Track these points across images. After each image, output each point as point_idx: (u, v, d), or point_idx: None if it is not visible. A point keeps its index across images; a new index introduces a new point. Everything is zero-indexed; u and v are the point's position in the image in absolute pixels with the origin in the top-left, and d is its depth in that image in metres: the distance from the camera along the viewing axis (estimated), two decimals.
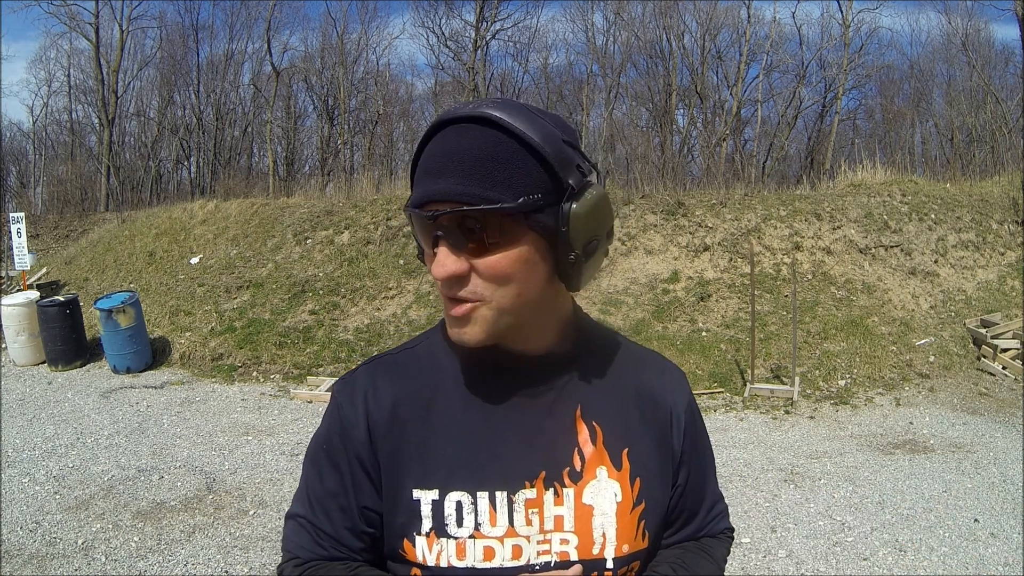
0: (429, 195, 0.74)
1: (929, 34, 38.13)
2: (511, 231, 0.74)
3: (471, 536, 0.78)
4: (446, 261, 0.74)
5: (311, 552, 0.85)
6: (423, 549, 0.79)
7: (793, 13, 32.68)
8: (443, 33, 24.76)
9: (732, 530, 1.01)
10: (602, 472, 0.83)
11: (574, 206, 0.75)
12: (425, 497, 0.79)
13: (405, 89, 27.54)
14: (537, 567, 0.79)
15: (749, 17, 22.32)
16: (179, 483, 4.73)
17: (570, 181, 0.75)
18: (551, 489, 0.81)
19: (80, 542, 3.90)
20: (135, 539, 3.93)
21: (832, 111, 22.30)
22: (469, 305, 0.76)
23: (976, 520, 4.06)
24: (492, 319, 0.77)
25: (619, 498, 0.83)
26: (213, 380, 7.47)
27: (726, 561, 0.96)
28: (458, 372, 0.85)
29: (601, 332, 0.94)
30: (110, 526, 4.09)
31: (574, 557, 0.80)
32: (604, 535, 0.81)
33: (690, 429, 0.92)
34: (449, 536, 0.78)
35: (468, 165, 0.72)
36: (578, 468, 0.82)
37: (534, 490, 0.80)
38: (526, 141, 0.73)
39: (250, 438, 5.68)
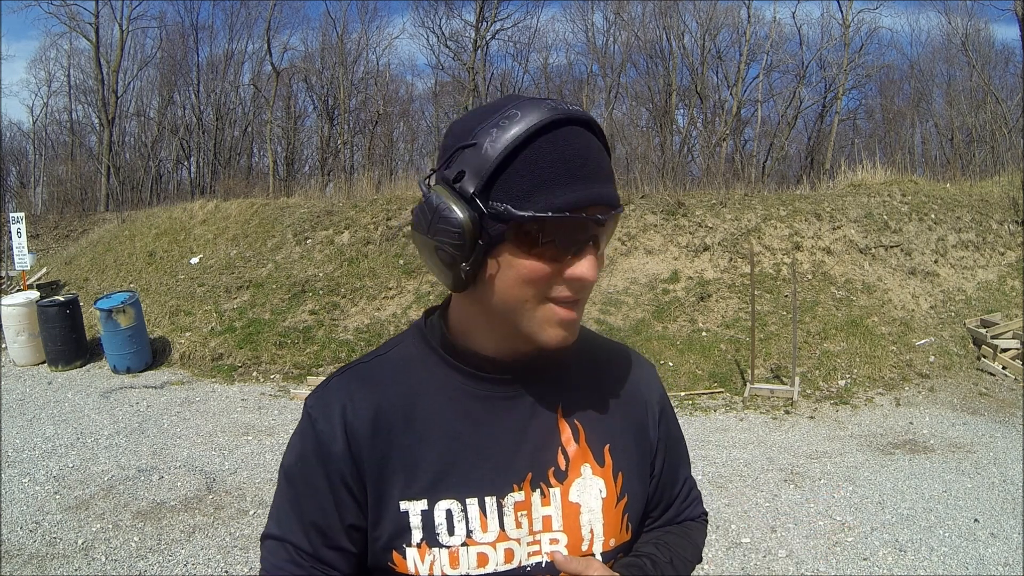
0: (595, 198, 0.72)
1: (929, 34, 38.22)
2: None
3: (463, 544, 0.78)
4: (595, 264, 0.75)
5: (291, 574, 0.81)
6: (415, 560, 0.78)
7: (793, 13, 32.85)
8: (443, 33, 24.81)
9: (707, 514, 1.04)
10: (586, 469, 0.83)
11: None
12: (413, 508, 0.78)
13: (405, 89, 27.58)
14: (528, 568, 0.79)
15: (749, 17, 22.34)
16: (179, 483, 4.73)
17: None
18: (537, 490, 0.81)
19: (80, 542, 3.89)
20: (135, 539, 3.93)
21: (832, 111, 22.32)
22: (578, 307, 0.78)
23: (976, 520, 4.06)
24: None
25: (604, 494, 0.84)
26: (213, 380, 7.47)
27: (704, 543, 1.00)
28: (438, 377, 0.83)
29: None
30: (110, 526, 4.09)
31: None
32: (592, 531, 0.82)
33: (664, 420, 0.94)
34: (441, 545, 0.77)
35: (607, 168, 0.75)
36: (563, 467, 0.82)
37: (522, 492, 0.80)
38: (605, 144, 0.78)
39: (250, 438, 5.68)
